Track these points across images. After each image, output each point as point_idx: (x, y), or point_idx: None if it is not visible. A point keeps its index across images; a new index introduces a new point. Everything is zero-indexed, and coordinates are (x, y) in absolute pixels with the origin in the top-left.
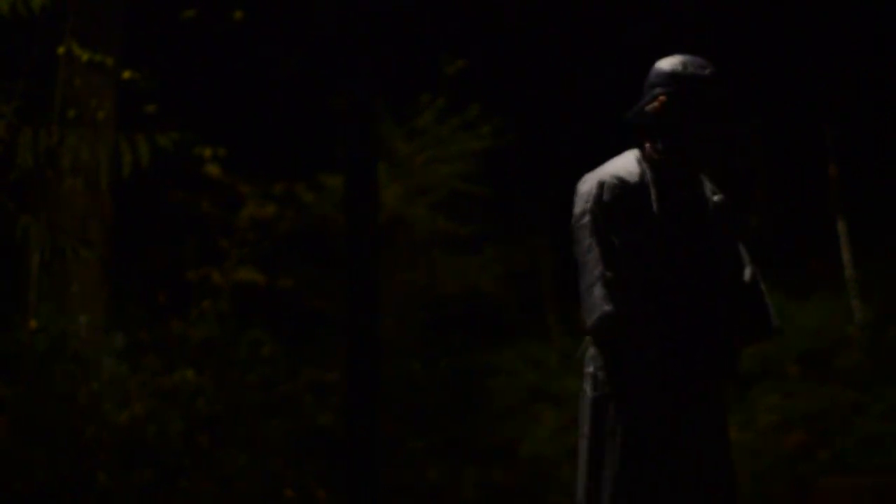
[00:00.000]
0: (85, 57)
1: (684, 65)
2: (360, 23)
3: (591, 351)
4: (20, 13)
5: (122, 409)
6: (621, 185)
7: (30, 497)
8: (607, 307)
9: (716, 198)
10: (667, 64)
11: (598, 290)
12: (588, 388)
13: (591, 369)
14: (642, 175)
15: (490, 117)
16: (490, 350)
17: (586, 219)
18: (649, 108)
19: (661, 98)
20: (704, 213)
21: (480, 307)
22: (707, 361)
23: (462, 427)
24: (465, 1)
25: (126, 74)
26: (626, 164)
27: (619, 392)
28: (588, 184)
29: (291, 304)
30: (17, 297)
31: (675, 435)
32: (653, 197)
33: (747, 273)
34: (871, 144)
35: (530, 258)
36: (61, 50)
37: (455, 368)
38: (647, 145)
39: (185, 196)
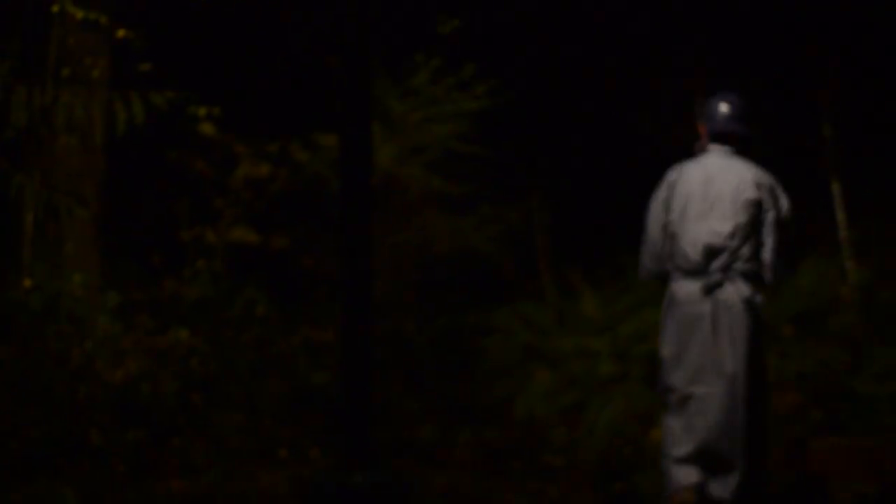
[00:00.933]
0: (79, 15)
1: None
2: None
3: None
4: None
5: (116, 368)
6: None
7: (23, 455)
8: None
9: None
10: None
11: None
12: None
13: None
14: None
15: (485, 77)
16: (484, 310)
17: None
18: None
19: None
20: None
21: (475, 267)
22: None
23: (456, 387)
24: None
25: (120, 33)
26: None
27: None
28: None
29: (285, 264)
30: (12, 256)
31: None
32: None
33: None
34: (865, 106)
35: (525, 218)
36: (55, 8)
37: (449, 328)
38: None
39: (180, 155)
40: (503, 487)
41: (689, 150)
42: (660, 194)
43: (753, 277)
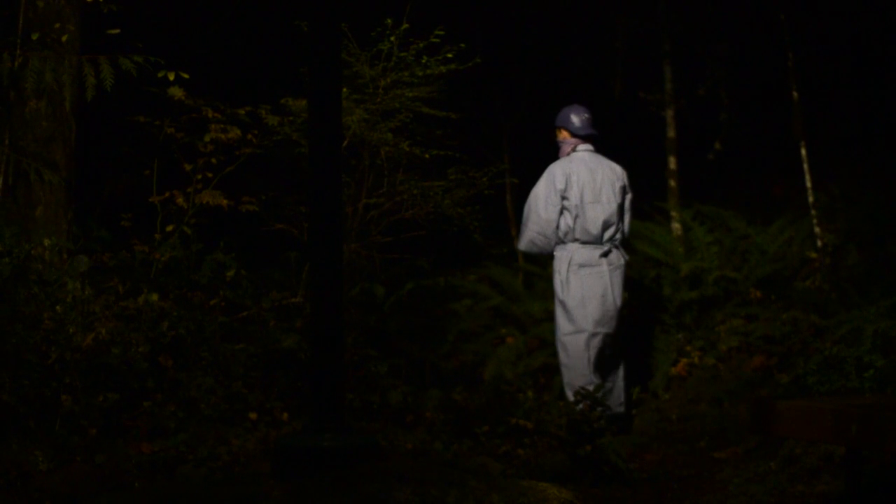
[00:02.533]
0: None
1: None
2: None
3: None
4: None
5: (87, 332)
6: None
7: None
8: None
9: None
10: None
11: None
12: None
13: None
14: None
15: (454, 41)
16: (454, 274)
17: None
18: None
19: None
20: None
21: (445, 231)
22: None
23: (426, 350)
24: None
25: None
26: None
27: None
28: None
29: (255, 228)
30: None
31: None
32: None
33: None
34: (832, 69)
35: (495, 183)
36: None
37: (419, 292)
38: None
39: (149, 119)
40: (473, 450)
41: (652, 113)
42: (551, 186)
43: (622, 243)
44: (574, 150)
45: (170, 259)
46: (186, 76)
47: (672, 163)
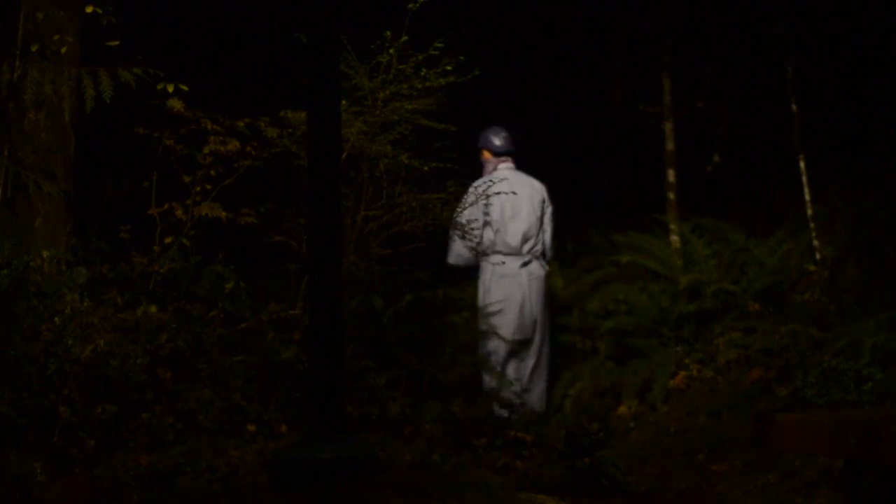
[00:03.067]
0: None
1: None
2: None
3: None
4: None
5: (85, 343)
6: None
7: None
8: None
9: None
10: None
11: None
12: None
13: None
14: None
15: (454, 53)
16: (452, 286)
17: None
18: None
19: None
20: None
21: (443, 243)
22: None
23: (424, 362)
24: None
25: (89, 9)
26: None
27: None
28: None
29: (254, 240)
30: None
31: None
32: None
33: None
34: (832, 82)
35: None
36: None
37: (417, 304)
38: None
39: (148, 131)
40: (471, 462)
41: (651, 125)
42: (477, 203)
43: (543, 255)
44: (496, 168)
45: (168, 271)
46: (186, 88)
47: (671, 175)
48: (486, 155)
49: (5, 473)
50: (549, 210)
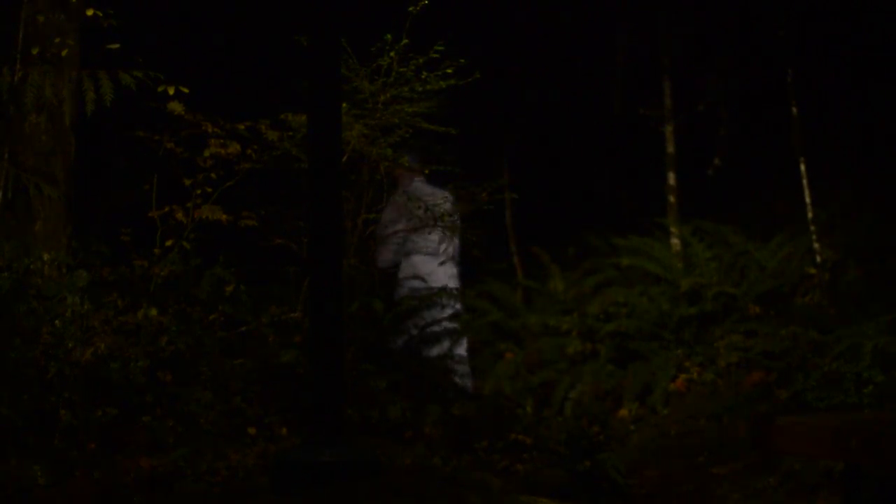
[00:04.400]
0: None
1: None
2: None
3: None
4: None
5: (86, 346)
6: None
7: None
8: None
9: None
10: None
11: None
12: None
13: None
14: None
15: (454, 57)
16: None
17: None
18: None
19: None
20: None
21: None
22: None
23: (424, 365)
24: None
25: (89, 12)
26: None
27: None
28: None
29: (255, 243)
30: None
31: None
32: None
33: None
34: (832, 85)
35: (494, 198)
36: None
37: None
38: None
39: (148, 134)
40: (471, 465)
41: (651, 128)
42: (394, 213)
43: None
44: (411, 181)
45: (169, 274)
46: (186, 91)
47: (671, 178)
48: (399, 171)
49: (5, 476)
50: (457, 217)
